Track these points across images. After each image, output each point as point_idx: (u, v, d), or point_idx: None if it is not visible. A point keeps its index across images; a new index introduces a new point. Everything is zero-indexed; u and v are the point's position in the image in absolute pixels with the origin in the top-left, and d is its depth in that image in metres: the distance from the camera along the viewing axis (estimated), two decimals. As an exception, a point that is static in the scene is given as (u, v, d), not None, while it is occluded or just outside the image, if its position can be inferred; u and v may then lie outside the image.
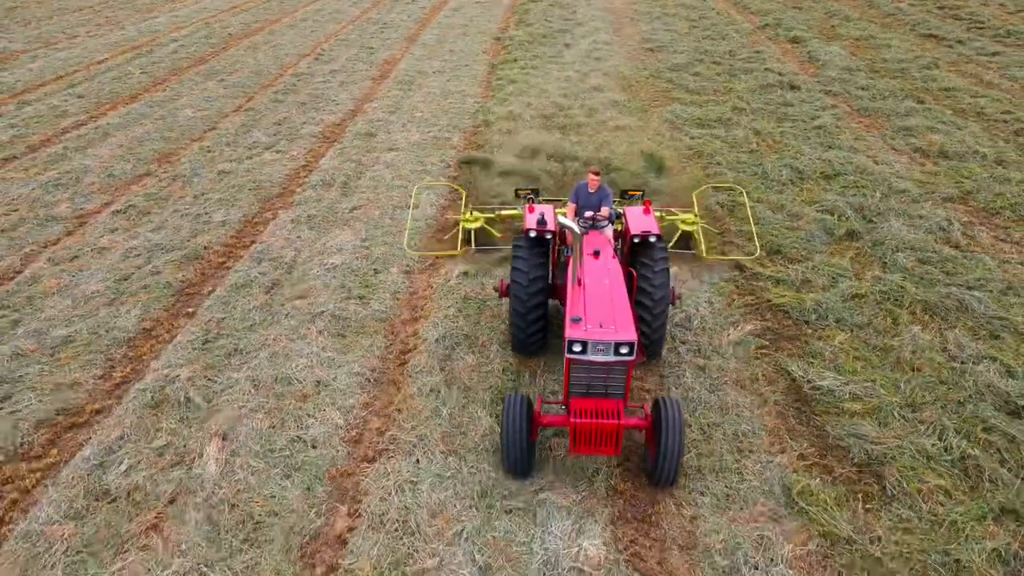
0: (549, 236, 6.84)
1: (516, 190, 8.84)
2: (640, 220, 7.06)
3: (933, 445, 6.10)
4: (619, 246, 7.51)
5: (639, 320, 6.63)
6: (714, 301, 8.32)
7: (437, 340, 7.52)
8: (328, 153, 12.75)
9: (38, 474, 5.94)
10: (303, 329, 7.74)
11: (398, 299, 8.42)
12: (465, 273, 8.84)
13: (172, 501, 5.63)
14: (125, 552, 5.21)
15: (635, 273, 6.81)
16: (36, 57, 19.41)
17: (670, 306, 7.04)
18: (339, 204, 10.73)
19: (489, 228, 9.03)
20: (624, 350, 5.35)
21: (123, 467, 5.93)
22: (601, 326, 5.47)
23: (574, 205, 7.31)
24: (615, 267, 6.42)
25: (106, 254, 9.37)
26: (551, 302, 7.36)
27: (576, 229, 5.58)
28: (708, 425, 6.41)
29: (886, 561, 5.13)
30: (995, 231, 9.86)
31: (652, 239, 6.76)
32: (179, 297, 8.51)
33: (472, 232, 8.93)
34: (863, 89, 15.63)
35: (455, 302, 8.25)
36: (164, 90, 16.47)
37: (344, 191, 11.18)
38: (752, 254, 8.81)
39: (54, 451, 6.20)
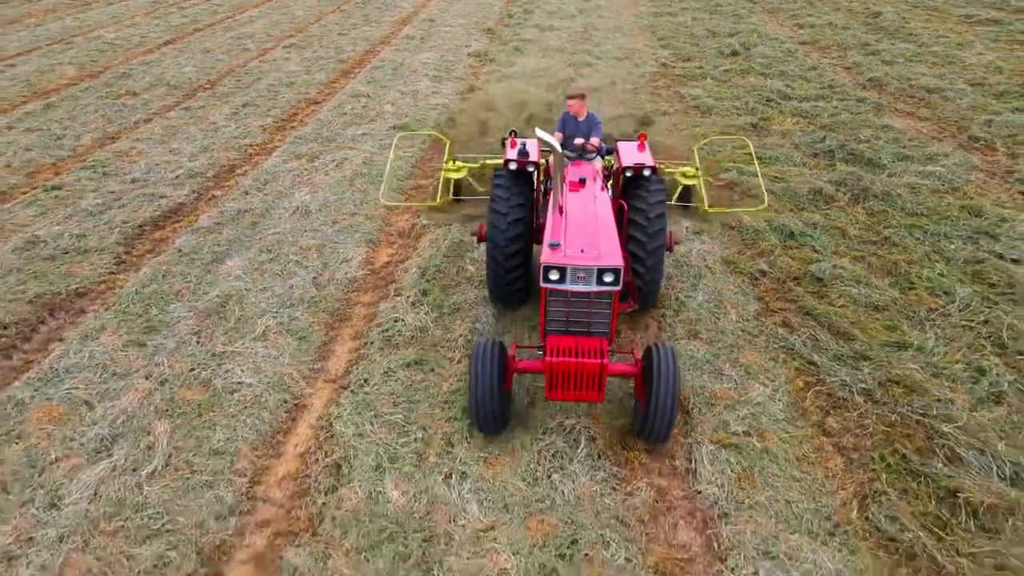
0: (532, 169, 6.33)
1: (502, 138, 7.58)
2: (633, 154, 6.56)
3: (741, 106, 12.55)
4: (610, 182, 6.99)
5: (631, 264, 6.12)
6: (640, 82, 14.75)
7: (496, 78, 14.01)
8: (404, 28, 19.25)
9: (308, 113, 12.48)
10: (417, 79, 14.23)
11: (467, 72, 14.92)
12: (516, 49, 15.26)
13: (376, 116, 12.11)
14: (360, 125, 11.68)
15: (626, 207, 6.21)
16: (167, -13, 25.98)
17: (667, 252, 6.46)
18: (421, 44, 17.21)
19: (471, 180, 8.80)
20: (608, 278, 4.81)
21: (347, 109, 12.44)
22: (583, 251, 4.92)
23: (560, 136, 6.80)
24: (603, 197, 5.90)
25: (289, 61, 15.88)
26: (536, 248, 6.65)
27: (556, 145, 4.98)
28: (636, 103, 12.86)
29: (698, 134, 11.56)
30: (823, 54, 16.27)
31: (647, 172, 6.21)
32: (342, 73, 15.03)
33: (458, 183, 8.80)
34: (775, -1, 22.10)
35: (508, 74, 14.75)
36: (275, 3, 23.00)
37: (422, 41, 17.66)
38: (759, 205, 8.33)
39: (311, 107, 12.74)
